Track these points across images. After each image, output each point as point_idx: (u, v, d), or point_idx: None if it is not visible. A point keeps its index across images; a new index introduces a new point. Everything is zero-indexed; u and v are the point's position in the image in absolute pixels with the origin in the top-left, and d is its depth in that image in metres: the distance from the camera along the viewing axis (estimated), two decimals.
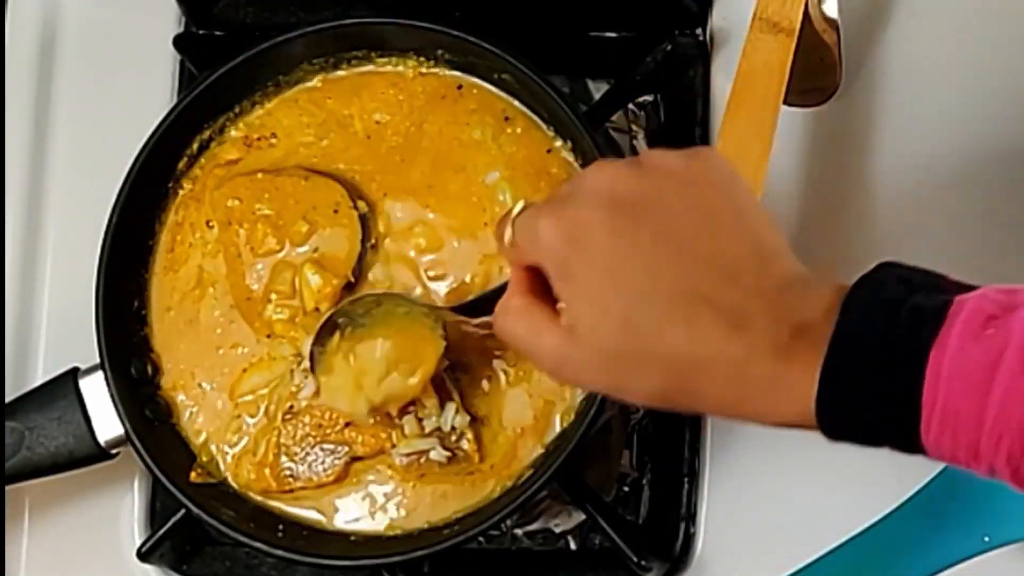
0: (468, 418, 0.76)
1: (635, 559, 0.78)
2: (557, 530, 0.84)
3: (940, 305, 0.52)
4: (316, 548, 0.76)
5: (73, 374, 0.78)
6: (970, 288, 0.53)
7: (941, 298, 0.52)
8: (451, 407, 0.75)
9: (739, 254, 0.56)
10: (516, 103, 0.80)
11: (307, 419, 0.77)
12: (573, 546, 0.84)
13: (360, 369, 0.73)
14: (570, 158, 0.79)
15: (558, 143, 0.79)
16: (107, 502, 0.84)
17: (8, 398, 0.80)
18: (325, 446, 0.77)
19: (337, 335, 0.74)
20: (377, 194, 0.80)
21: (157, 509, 0.84)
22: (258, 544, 0.75)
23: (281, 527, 0.77)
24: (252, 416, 0.78)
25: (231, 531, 0.75)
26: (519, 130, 0.80)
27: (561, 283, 0.58)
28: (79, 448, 0.77)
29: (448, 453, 0.76)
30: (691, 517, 0.81)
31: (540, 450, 0.76)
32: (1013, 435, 0.50)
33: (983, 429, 0.51)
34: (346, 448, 0.77)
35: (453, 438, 0.76)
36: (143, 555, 0.80)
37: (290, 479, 0.77)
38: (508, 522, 0.83)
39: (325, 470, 0.77)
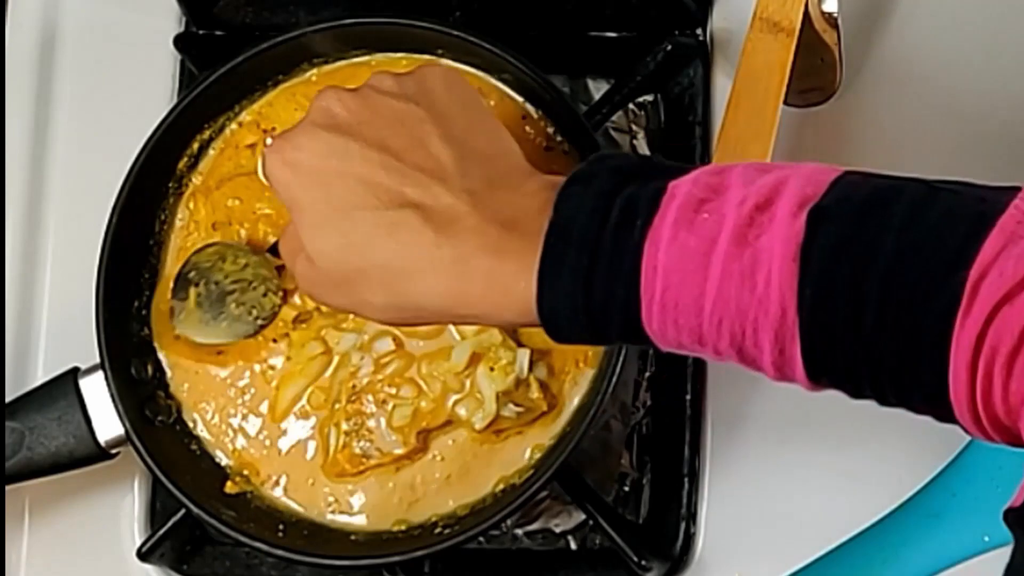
0: (540, 362, 0.76)
1: (635, 559, 0.78)
2: (557, 530, 0.84)
3: (653, 193, 0.52)
4: (316, 548, 0.76)
5: (73, 374, 0.78)
6: (686, 170, 0.54)
7: (654, 185, 0.53)
8: (524, 353, 0.76)
9: (448, 158, 0.58)
10: (491, 79, 0.80)
11: (370, 397, 0.76)
12: (573, 546, 0.84)
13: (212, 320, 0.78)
14: (549, 127, 0.79)
15: (530, 109, 0.79)
16: (107, 502, 0.84)
17: (8, 398, 0.80)
18: (393, 421, 0.77)
19: (193, 292, 0.78)
20: None
21: (157, 509, 0.84)
22: (258, 544, 0.75)
23: (281, 527, 0.77)
24: (306, 418, 0.79)
25: (231, 531, 0.75)
26: (492, 102, 0.80)
27: (292, 212, 0.60)
28: (79, 448, 0.77)
29: (520, 408, 0.76)
30: (691, 517, 0.81)
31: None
32: (732, 317, 0.51)
33: (703, 314, 0.51)
34: (414, 418, 0.77)
35: (521, 391, 0.76)
36: (143, 555, 0.80)
37: (363, 459, 0.77)
38: (508, 522, 0.83)
39: (396, 443, 0.77)
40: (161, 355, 0.80)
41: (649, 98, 0.87)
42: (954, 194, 0.50)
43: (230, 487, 0.78)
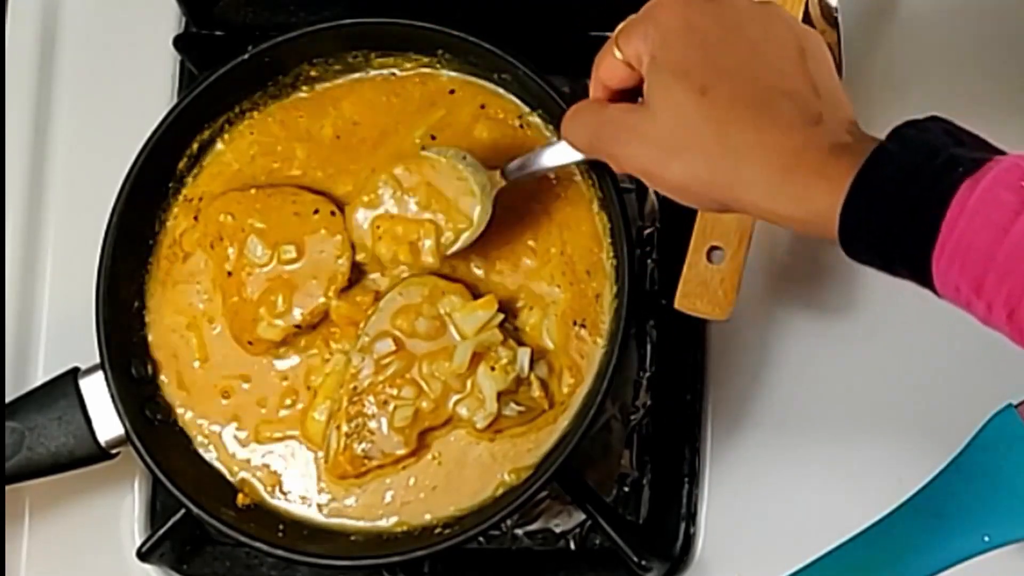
0: (540, 361, 0.76)
1: (635, 559, 0.78)
2: (557, 530, 0.84)
3: (978, 157, 0.54)
4: (316, 548, 0.76)
5: (73, 374, 0.78)
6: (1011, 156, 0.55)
7: (980, 154, 0.55)
8: (524, 353, 0.76)
9: (817, 83, 0.61)
10: (488, 84, 0.81)
11: (371, 398, 0.76)
12: (573, 546, 0.84)
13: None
14: (540, 122, 0.80)
15: (528, 112, 0.80)
16: (107, 502, 0.84)
17: (8, 398, 0.80)
18: (394, 421, 0.76)
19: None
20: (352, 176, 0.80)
21: (157, 509, 0.84)
22: (258, 544, 0.75)
23: (281, 527, 0.77)
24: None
25: (231, 531, 0.75)
26: (493, 109, 0.80)
27: (658, 53, 0.62)
28: (79, 448, 0.77)
29: (520, 407, 0.76)
30: (691, 517, 0.81)
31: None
32: (1018, 277, 0.52)
33: (992, 263, 0.53)
34: (416, 419, 0.76)
35: (522, 391, 0.76)
36: (143, 555, 0.80)
37: (365, 460, 0.77)
38: (508, 522, 0.83)
39: (397, 444, 0.76)
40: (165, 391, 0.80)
41: None
42: None
43: (241, 499, 0.78)
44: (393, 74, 0.82)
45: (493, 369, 0.75)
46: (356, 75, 0.82)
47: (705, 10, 0.62)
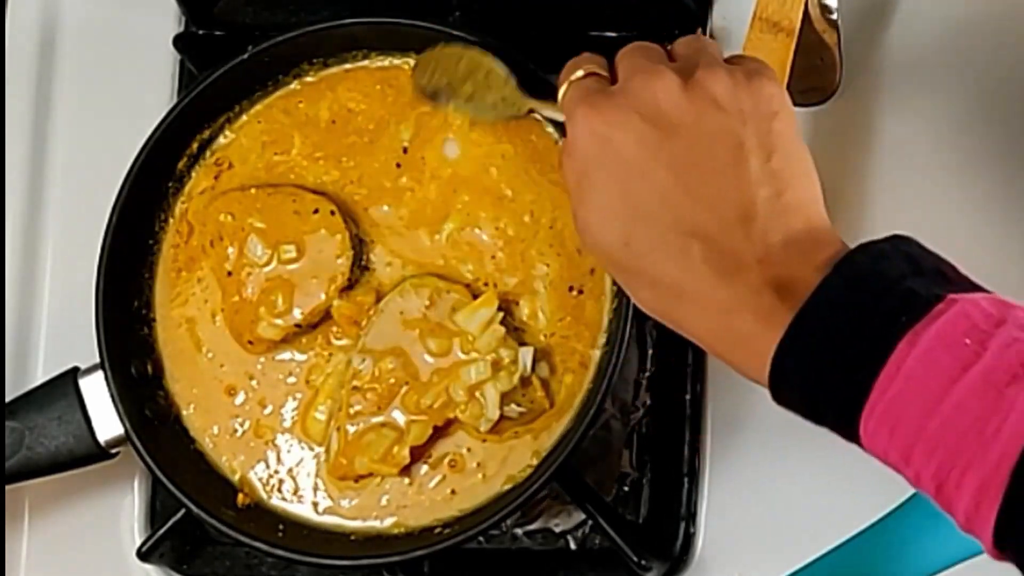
0: (542, 362, 0.76)
1: (635, 559, 0.78)
2: (557, 530, 0.84)
3: (931, 297, 0.51)
4: (316, 548, 0.76)
5: (73, 374, 0.78)
6: (975, 288, 0.52)
7: (935, 291, 0.51)
8: (527, 352, 0.75)
9: (759, 199, 0.55)
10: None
11: (370, 396, 0.76)
12: (573, 546, 0.84)
13: None
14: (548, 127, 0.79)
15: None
16: (107, 502, 0.84)
17: (8, 398, 0.80)
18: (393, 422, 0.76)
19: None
20: (353, 174, 0.80)
21: (157, 509, 0.84)
22: (258, 544, 0.75)
23: (281, 527, 0.77)
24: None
25: (231, 531, 0.75)
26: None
27: (579, 181, 0.59)
28: (79, 448, 0.77)
29: (522, 409, 0.76)
30: (691, 517, 0.81)
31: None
32: (947, 452, 0.49)
33: (921, 436, 0.50)
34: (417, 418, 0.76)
35: (525, 391, 0.76)
36: (143, 555, 0.80)
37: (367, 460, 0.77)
38: (508, 522, 0.83)
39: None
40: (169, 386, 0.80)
41: None
42: None
43: (241, 499, 0.78)
44: (391, 63, 0.82)
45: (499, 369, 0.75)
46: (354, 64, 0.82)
47: (625, 125, 0.57)
